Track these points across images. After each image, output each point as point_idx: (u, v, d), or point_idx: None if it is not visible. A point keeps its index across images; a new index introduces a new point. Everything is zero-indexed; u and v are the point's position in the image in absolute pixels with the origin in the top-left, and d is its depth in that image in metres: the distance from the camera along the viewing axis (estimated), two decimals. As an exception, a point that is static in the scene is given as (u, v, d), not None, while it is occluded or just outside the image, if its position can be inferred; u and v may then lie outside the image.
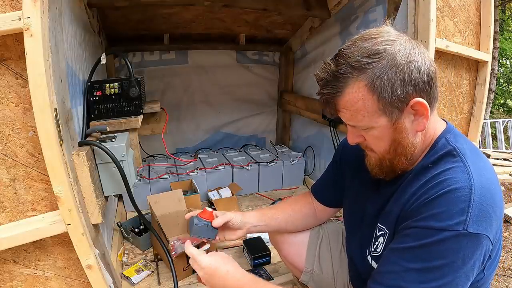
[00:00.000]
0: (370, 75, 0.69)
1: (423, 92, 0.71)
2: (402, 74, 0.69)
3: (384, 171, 0.83)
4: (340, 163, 1.10)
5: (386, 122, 0.73)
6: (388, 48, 0.70)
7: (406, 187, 0.79)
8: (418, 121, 0.74)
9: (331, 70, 0.74)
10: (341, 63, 0.72)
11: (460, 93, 1.62)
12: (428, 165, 0.77)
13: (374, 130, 0.75)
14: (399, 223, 0.76)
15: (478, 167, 0.71)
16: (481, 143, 6.47)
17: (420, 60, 0.71)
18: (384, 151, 0.79)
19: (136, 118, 1.60)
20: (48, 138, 0.86)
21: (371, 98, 0.71)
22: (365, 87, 0.70)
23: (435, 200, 0.69)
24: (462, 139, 0.79)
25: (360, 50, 0.71)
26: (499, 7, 9.47)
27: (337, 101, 0.74)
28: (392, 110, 0.72)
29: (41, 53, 0.82)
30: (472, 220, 0.65)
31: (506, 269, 1.93)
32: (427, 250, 0.67)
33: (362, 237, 0.94)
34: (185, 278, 1.61)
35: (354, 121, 0.76)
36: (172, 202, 1.82)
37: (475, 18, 1.58)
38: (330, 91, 0.74)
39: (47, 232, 0.95)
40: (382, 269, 0.75)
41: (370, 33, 0.74)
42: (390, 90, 0.69)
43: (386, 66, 0.69)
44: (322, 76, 0.75)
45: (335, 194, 1.13)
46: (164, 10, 2.16)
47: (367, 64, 0.69)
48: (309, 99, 2.62)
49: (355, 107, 0.73)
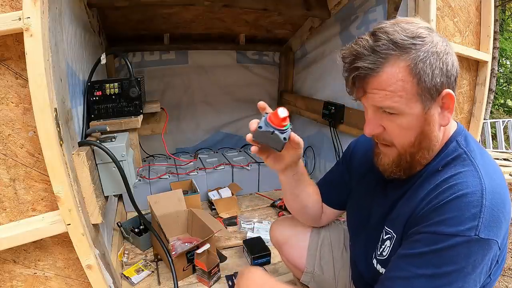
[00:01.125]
0: (413, 56, 0.67)
1: (451, 86, 0.71)
2: (441, 62, 0.68)
3: (401, 168, 0.79)
4: (349, 164, 1.08)
5: (420, 109, 0.70)
6: (429, 35, 0.69)
7: (415, 190, 0.77)
8: (444, 115, 0.73)
9: (369, 44, 0.68)
10: (382, 39, 0.67)
11: (460, 93, 1.62)
12: (438, 168, 0.75)
13: (404, 118, 0.71)
14: (408, 227, 0.75)
15: (488, 171, 0.70)
16: (481, 143, 6.46)
17: (454, 55, 0.71)
18: (408, 144, 0.74)
19: (136, 118, 1.60)
20: (48, 138, 0.86)
21: (411, 80, 0.67)
22: (407, 68, 0.67)
23: (446, 205, 0.67)
24: (472, 142, 0.77)
25: (404, 30, 0.68)
26: (499, 7, 9.47)
27: (371, 79, 0.69)
28: (428, 98, 0.69)
29: (41, 53, 0.82)
30: (483, 226, 0.64)
31: (506, 269, 1.93)
32: (438, 255, 0.66)
33: (367, 240, 0.92)
34: (185, 278, 1.60)
35: (387, 103, 0.70)
36: (172, 202, 1.82)
37: (475, 18, 1.58)
38: (368, 65, 0.68)
39: (47, 232, 0.95)
40: (391, 275, 0.73)
41: (406, 18, 0.72)
42: (430, 76, 0.67)
43: (429, 51, 0.67)
44: (357, 49, 0.69)
45: (340, 195, 1.10)
46: (164, 10, 2.16)
47: (411, 45, 0.67)
48: (309, 99, 2.62)
49: (392, 88, 0.68)
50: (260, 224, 2.05)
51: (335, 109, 2.17)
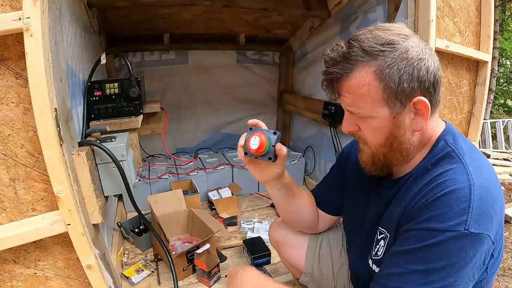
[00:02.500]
0: (380, 62, 0.69)
1: (427, 92, 0.72)
2: (412, 68, 0.69)
3: (377, 167, 0.83)
4: (344, 168, 1.09)
5: (387, 113, 0.73)
6: (402, 42, 0.70)
7: (406, 190, 0.78)
8: (417, 121, 0.74)
9: (342, 51, 0.73)
10: (354, 46, 0.72)
11: (460, 93, 1.62)
12: (428, 167, 0.76)
13: (373, 120, 0.75)
14: (400, 226, 0.76)
15: (477, 167, 0.71)
16: (481, 143, 6.47)
17: (430, 61, 0.72)
18: (379, 144, 0.78)
19: (136, 118, 1.60)
20: (48, 138, 0.86)
21: (377, 85, 0.70)
22: (373, 73, 0.70)
23: (435, 201, 0.69)
24: (461, 140, 0.79)
25: (375, 37, 0.71)
26: (499, 7, 9.47)
27: (342, 83, 0.74)
28: (395, 102, 0.71)
29: (41, 53, 0.82)
30: (473, 220, 0.65)
31: (506, 269, 1.93)
32: (429, 251, 0.67)
33: (363, 242, 0.93)
34: (185, 278, 1.60)
35: (355, 106, 0.75)
36: (172, 202, 1.82)
37: (475, 18, 1.58)
38: (338, 71, 0.73)
39: (47, 232, 0.95)
40: (385, 272, 0.75)
41: (386, 25, 0.74)
42: (397, 81, 0.69)
43: (398, 57, 0.69)
44: (332, 55, 0.74)
45: (336, 201, 1.11)
46: (164, 10, 2.16)
47: (380, 52, 0.70)
48: (309, 99, 2.62)
49: (359, 92, 0.72)
50: (260, 224, 2.05)
51: (335, 109, 2.17)
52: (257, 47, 2.87)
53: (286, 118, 3.10)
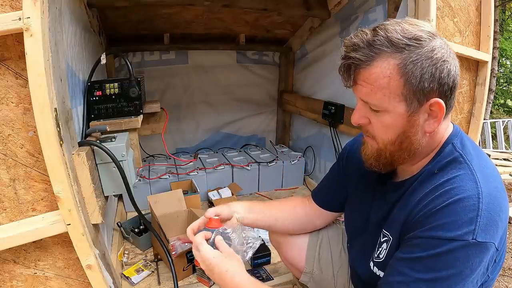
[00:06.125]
0: (405, 56, 0.68)
1: (444, 95, 0.71)
2: (435, 69, 0.68)
3: (380, 163, 0.81)
4: (345, 166, 1.07)
5: (403, 110, 0.71)
6: (429, 40, 0.69)
7: (411, 193, 0.77)
8: (429, 122, 0.73)
9: (366, 38, 0.70)
10: (380, 35, 0.69)
11: (460, 93, 1.62)
12: (434, 171, 0.75)
13: (387, 115, 0.73)
14: (404, 230, 0.75)
15: (485, 175, 0.70)
16: (481, 143, 6.47)
17: (452, 65, 0.71)
18: (388, 141, 0.76)
19: (136, 118, 1.59)
20: (48, 138, 0.86)
21: (398, 79, 0.69)
22: (396, 66, 0.68)
23: (443, 209, 0.68)
24: (469, 144, 0.78)
25: (403, 30, 0.69)
26: (499, 7, 9.47)
27: (361, 71, 0.71)
28: (413, 100, 0.70)
29: (41, 53, 0.82)
30: (480, 230, 0.64)
31: (506, 269, 1.93)
32: (436, 260, 0.66)
33: (365, 243, 0.92)
34: (185, 278, 1.61)
35: (371, 98, 0.72)
36: (172, 202, 1.82)
37: (475, 18, 1.58)
38: (359, 57, 0.70)
39: (47, 232, 0.95)
40: (390, 279, 0.74)
41: (414, 20, 0.73)
42: (418, 79, 0.68)
43: (423, 54, 0.68)
44: (355, 41, 0.71)
45: (336, 198, 1.11)
46: (164, 10, 2.16)
47: (406, 45, 0.68)
48: (309, 99, 2.62)
49: (378, 83, 0.70)
50: (260, 224, 2.05)
51: (335, 109, 2.17)
52: (257, 47, 2.87)
53: (286, 118, 3.10)
